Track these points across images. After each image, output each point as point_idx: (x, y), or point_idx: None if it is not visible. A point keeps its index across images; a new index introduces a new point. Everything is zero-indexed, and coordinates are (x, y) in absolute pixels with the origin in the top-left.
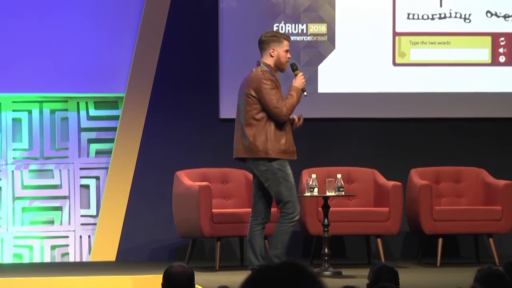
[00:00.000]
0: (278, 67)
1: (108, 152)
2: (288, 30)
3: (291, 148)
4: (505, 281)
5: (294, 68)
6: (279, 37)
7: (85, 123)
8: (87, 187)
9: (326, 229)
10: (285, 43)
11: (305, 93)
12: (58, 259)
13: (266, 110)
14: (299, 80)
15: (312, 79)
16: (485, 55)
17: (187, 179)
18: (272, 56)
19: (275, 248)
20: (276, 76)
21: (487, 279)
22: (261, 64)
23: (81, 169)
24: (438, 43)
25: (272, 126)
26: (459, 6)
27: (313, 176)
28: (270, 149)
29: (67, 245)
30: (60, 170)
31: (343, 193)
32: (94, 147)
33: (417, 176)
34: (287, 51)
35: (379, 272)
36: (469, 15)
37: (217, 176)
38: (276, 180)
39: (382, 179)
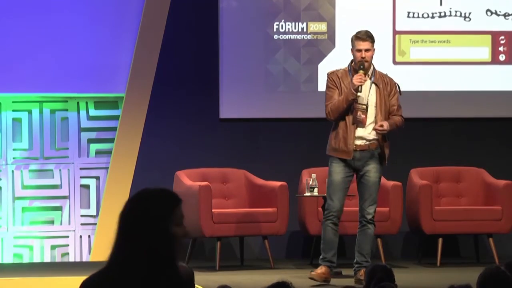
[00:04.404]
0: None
1: (108, 152)
2: (288, 29)
3: (342, 147)
4: (510, 283)
5: (360, 68)
6: (353, 37)
7: (85, 123)
8: (87, 187)
9: None
10: (356, 43)
11: (359, 93)
12: (58, 259)
13: None
14: (352, 80)
15: (312, 78)
16: (485, 53)
17: (187, 179)
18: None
19: (321, 246)
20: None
21: (490, 279)
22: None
23: (81, 169)
24: (438, 42)
25: (335, 125)
26: (459, 4)
27: (313, 176)
28: (328, 147)
29: (67, 245)
30: (60, 170)
31: None
32: (94, 147)
33: (417, 176)
34: (358, 50)
35: (372, 273)
36: (469, 13)
37: (217, 176)
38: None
39: (382, 179)
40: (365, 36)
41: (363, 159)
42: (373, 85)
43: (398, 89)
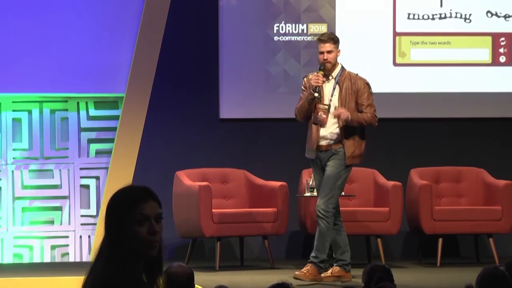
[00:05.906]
0: None
1: (108, 152)
2: (289, 30)
3: (309, 147)
4: (507, 283)
5: (319, 69)
6: (316, 40)
7: (85, 123)
8: (87, 187)
9: None
10: (318, 45)
11: (315, 94)
12: (58, 259)
13: None
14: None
15: None
16: (485, 55)
17: (187, 179)
18: None
19: None
20: (325, 78)
21: (489, 278)
22: None
23: (81, 169)
24: (439, 43)
25: (308, 126)
26: (460, 6)
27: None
28: None
29: (67, 245)
30: (60, 170)
31: (343, 193)
32: (94, 147)
33: (417, 176)
34: (321, 52)
35: (372, 272)
36: (470, 15)
37: (217, 176)
38: None
39: (382, 179)
40: (326, 38)
41: (326, 157)
42: (337, 85)
43: (368, 88)
